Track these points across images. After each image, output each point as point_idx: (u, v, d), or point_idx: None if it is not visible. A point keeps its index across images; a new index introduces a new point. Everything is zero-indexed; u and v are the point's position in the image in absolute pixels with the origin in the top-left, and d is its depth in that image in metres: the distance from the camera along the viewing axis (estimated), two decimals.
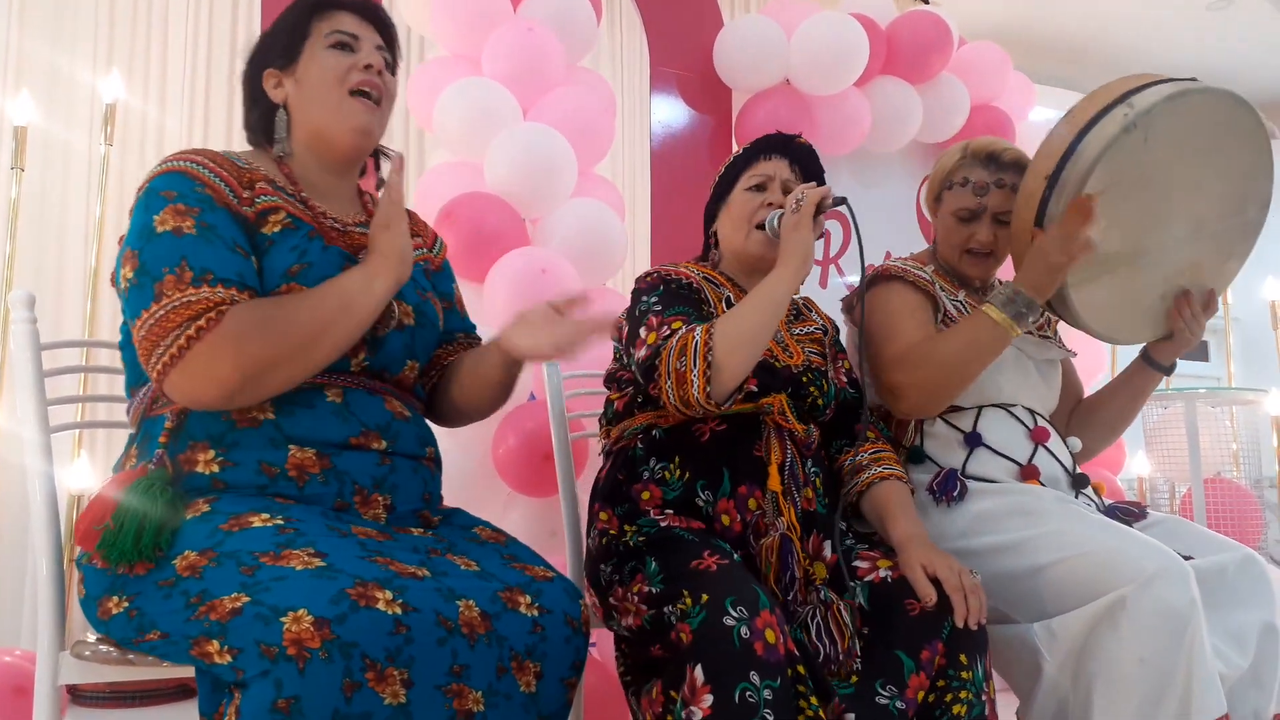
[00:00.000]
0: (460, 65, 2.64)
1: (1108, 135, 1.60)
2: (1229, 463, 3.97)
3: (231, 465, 1.27)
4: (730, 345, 1.49)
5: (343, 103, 1.42)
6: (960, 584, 1.44)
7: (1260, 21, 5.68)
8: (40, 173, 3.28)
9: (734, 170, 1.80)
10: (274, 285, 1.31)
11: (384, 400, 1.39)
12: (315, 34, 1.44)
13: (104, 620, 1.24)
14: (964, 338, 1.69)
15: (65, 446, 2.87)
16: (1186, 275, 1.82)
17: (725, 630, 1.28)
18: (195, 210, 1.27)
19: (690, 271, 1.72)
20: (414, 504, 1.39)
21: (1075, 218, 1.60)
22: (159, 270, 1.23)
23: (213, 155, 1.35)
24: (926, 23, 3.33)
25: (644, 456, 1.62)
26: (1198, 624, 1.44)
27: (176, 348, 1.20)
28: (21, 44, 3.39)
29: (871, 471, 1.68)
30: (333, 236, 1.40)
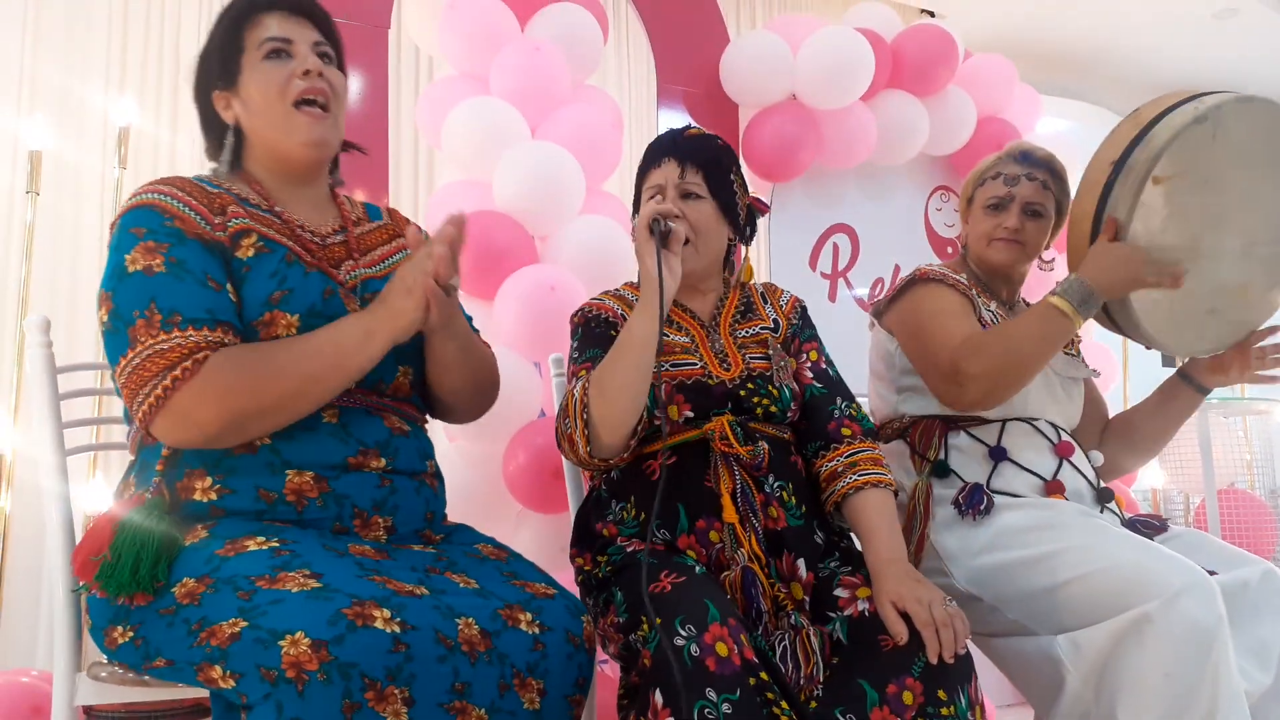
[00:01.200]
0: (468, 84, 2.65)
1: (1179, 124, 1.61)
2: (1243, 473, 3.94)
3: (230, 492, 1.26)
4: (604, 399, 1.46)
5: (289, 117, 1.37)
6: (930, 618, 1.36)
7: (1266, 30, 5.67)
8: (54, 196, 3.30)
9: (637, 186, 1.75)
10: (256, 315, 1.28)
11: (383, 418, 1.36)
12: (249, 46, 1.38)
13: (111, 649, 1.24)
14: (1032, 326, 1.68)
15: (80, 468, 2.89)
16: (1235, 295, 1.80)
17: (676, 651, 1.26)
18: (164, 246, 1.26)
19: (610, 303, 1.68)
20: (416, 524, 1.37)
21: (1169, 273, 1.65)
22: (130, 314, 1.22)
23: (182, 183, 1.33)
24: (932, 36, 3.34)
25: (607, 498, 1.62)
26: (1224, 640, 1.43)
27: (155, 397, 1.20)
28: (35, 68, 3.42)
29: (847, 480, 1.58)
30: (312, 256, 1.37)
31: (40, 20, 3.46)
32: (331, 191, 1.51)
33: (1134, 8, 5.43)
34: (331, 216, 1.46)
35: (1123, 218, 1.66)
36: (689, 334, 1.66)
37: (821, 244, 3.44)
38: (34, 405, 1.48)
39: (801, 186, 3.35)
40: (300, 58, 1.38)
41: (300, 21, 1.41)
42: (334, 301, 1.34)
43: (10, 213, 3.30)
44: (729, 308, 1.73)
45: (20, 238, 3.05)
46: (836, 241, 3.46)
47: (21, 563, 3.08)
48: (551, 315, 2.35)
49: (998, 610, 1.66)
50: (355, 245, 1.44)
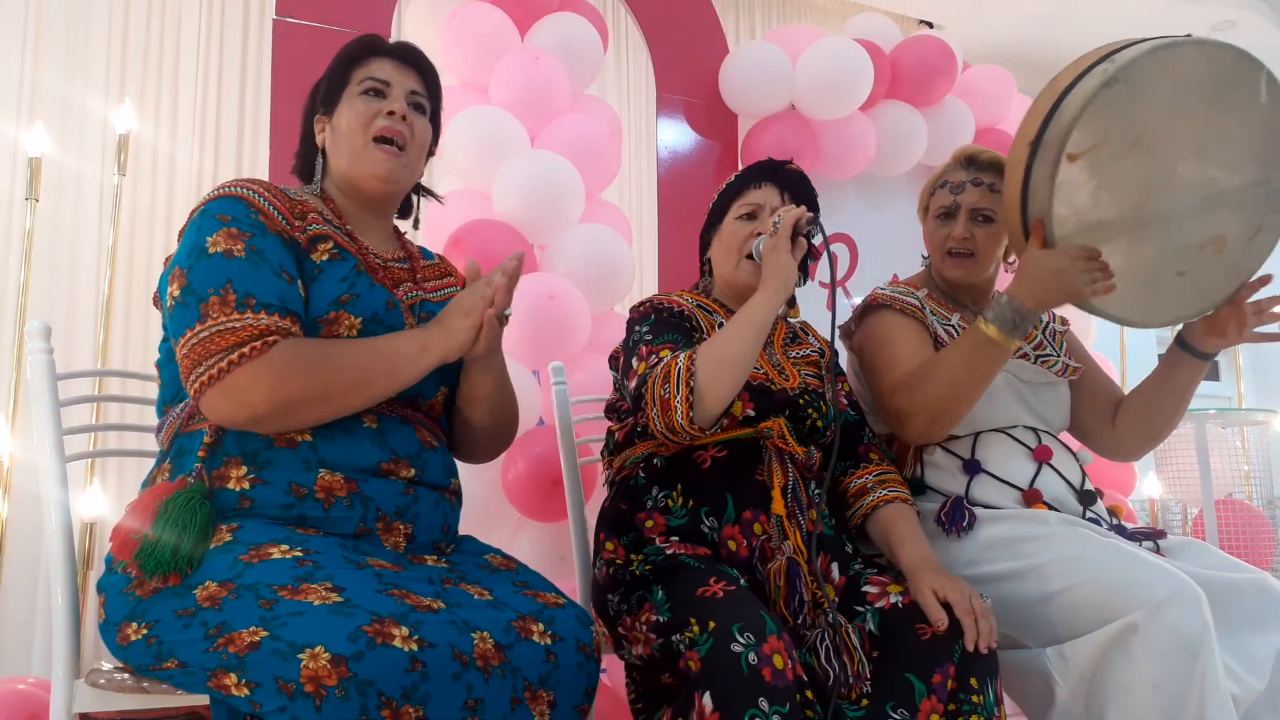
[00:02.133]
0: (468, 94, 2.66)
1: (1088, 91, 1.53)
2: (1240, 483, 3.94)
3: (262, 484, 1.28)
4: (712, 370, 1.49)
5: (365, 149, 1.46)
6: (971, 608, 1.43)
7: (1264, 43, 5.70)
8: (54, 203, 3.31)
9: (725, 199, 1.80)
10: (322, 311, 1.34)
11: (415, 429, 1.41)
12: (353, 81, 1.49)
13: (122, 646, 1.24)
14: (959, 355, 1.66)
15: (78, 474, 2.89)
16: (1208, 251, 1.68)
17: (733, 657, 1.28)
18: (247, 235, 1.31)
19: (683, 299, 1.72)
20: (433, 535, 1.40)
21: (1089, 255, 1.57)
22: (204, 291, 1.26)
23: (268, 185, 1.40)
24: (930, 47, 3.35)
25: (646, 485, 1.63)
26: (1210, 648, 1.43)
27: (218, 369, 1.24)
28: (35, 76, 3.43)
29: (876, 494, 1.67)
30: (377, 272, 1.44)
31: (41, 28, 3.47)
32: (396, 229, 1.60)
33: (1133, 19, 5.45)
34: (395, 247, 1.55)
35: (1045, 204, 1.58)
36: None
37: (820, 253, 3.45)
38: (34, 412, 1.47)
39: None
40: (392, 99, 1.48)
41: (405, 70, 1.52)
42: (395, 313, 1.41)
43: (10, 219, 3.30)
44: (779, 332, 1.80)
45: (20, 244, 3.05)
46: (835, 251, 3.46)
47: (19, 569, 3.08)
48: (551, 324, 2.36)
49: None
50: (420, 274, 1.54)
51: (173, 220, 3.48)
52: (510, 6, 2.68)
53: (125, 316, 3.35)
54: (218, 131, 3.70)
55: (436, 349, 1.36)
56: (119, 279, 3.23)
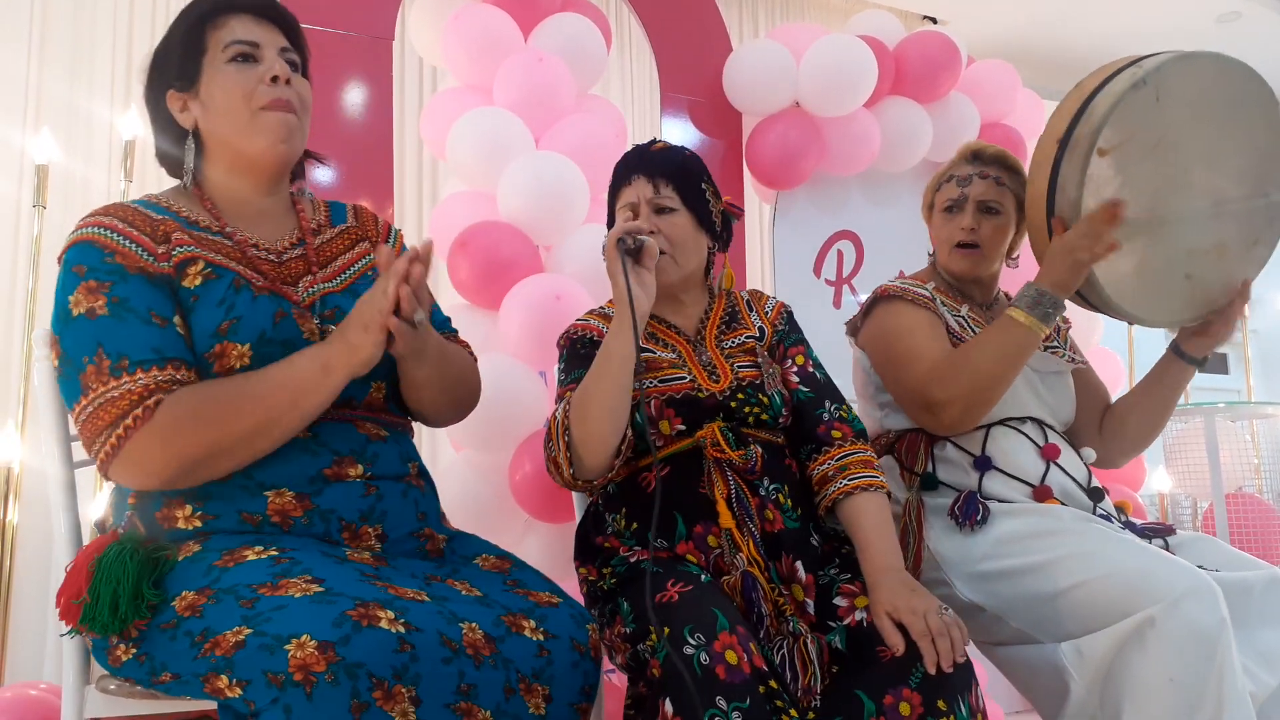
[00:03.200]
0: (472, 95, 2.66)
1: (1117, 91, 1.59)
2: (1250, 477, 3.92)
3: (213, 517, 1.25)
4: (583, 420, 1.46)
5: (254, 119, 1.33)
6: (926, 628, 1.35)
7: (1269, 34, 5.68)
8: (61, 210, 3.32)
9: (610, 204, 1.75)
10: (206, 347, 1.26)
11: (354, 425, 1.34)
12: (212, 46, 1.34)
13: (116, 667, 1.25)
14: (994, 344, 1.68)
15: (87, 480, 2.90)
16: (1212, 256, 1.75)
17: (686, 660, 1.27)
18: (106, 285, 1.24)
19: (596, 322, 1.69)
20: (409, 526, 1.35)
21: (1102, 215, 1.59)
22: (79, 360, 1.22)
23: (123, 213, 1.29)
24: (934, 43, 3.34)
25: (603, 511, 1.62)
26: (1227, 643, 1.43)
27: (110, 446, 1.20)
28: (42, 83, 3.44)
29: (838, 484, 1.58)
30: (264, 278, 1.33)
31: (46, 35, 3.48)
32: (291, 201, 1.47)
33: (1136, 12, 5.44)
34: (290, 228, 1.42)
35: (1074, 196, 1.62)
36: (674, 349, 1.66)
37: (826, 251, 3.44)
38: (42, 419, 1.48)
39: (805, 194, 3.35)
40: (267, 63, 1.34)
41: (267, 26, 1.37)
42: (286, 324, 1.30)
43: (18, 226, 3.32)
44: (714, 319, 1.73)
45: (28, 251, 3.06)
46: (841, 248, 3.46)
47: (30, 576, 3.09)
48: (557, 325, 2.34)
49: (1001, 619, 1.66)
50: (315, 258, 1.40)
51: None
52: (513, 8, 2.68)
53: None
54: None
55: (339, 368, 1.25)
56: None
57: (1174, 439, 3.83)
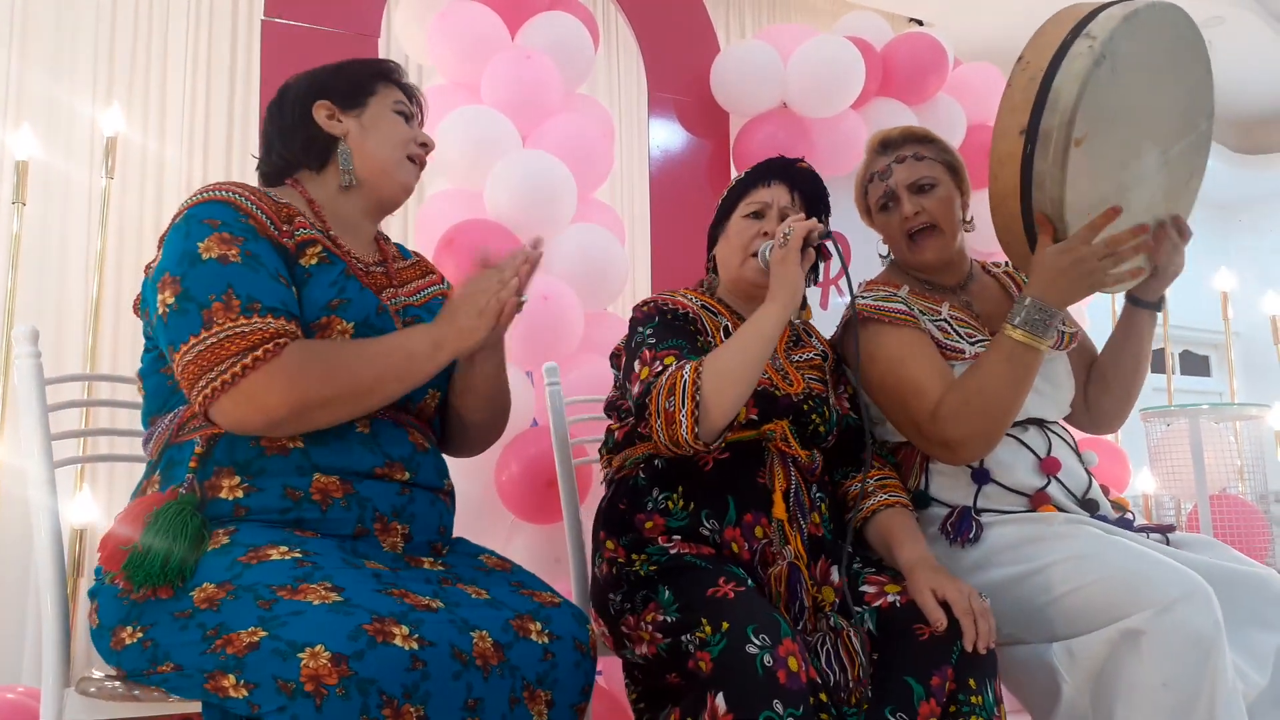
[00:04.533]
0: (459, 93, 2.65)
1: (1081, 72, 1.50)
2: (1234, 479, 3.94)
3: (256, 490, 1.27)
4: (718, 384, 1.47)
5: (402, 163, 1.51)
6: (969, 607, 1.42)
7: (1253, 39, 5.72)
8: (41, 206, 3.28)
9: (734, 196, 1.78)
10: (314, 317, 1.33)
11: (408, 433, 1.41)
12: (381, 95, 1.52)
13: (116, 650, 1.23)
14: (997, 372, 1.62)
15: (67, 480, 2.87)
16: (1161, 205, 1.70)
17: (748, 659, 1.27)
18: (240, 239, 1.29)
19: (688, 300, 1.70)
20: (429, 535, 1.40)
21: (1125, 235, 1.57)
22: (205, 297, 1.24)
23: (251, 189, 1.37)
24: (921, 44, 3.35)
25: (647, 486, 1.61)
26: (1221, 647, 1.42)
27: (230, 374, 1.21)
28: (22, 78, 3.40)
29: (877, 498, 1.67)
30: (363, 277, 1.43)
31: (27, 30, 3.44)
32: (377, 232, 1.60)
33: None
34: (373, 250, 1.54)
35: (1056, 195, 1.55)
36: None
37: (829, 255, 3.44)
38: (23, 417, 1.46)
39: None
40: (418, 129, 1.57)
41: (417, 107, 1.59)
42: (385, 317, 1.40)
43: None
44: (784, 335, 1.76)
45: (7, 248, 3.03)
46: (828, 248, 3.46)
47: (7, 576, 3.06)
48: (544, 325, 2.35)
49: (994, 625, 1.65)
50: (395, 276, 1.52)
51: (162, 223, 3.45)
52: (501, 6, 2.67)
53: (114, 320, 3.32)
54: (206, 133, 3.68)
55: (449, 347, 1.35)
56: (108, 282, 3.21)
57: (1158, 441, 3.85)
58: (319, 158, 1.49)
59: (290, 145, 1.50)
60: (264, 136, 1.54)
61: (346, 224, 1.49)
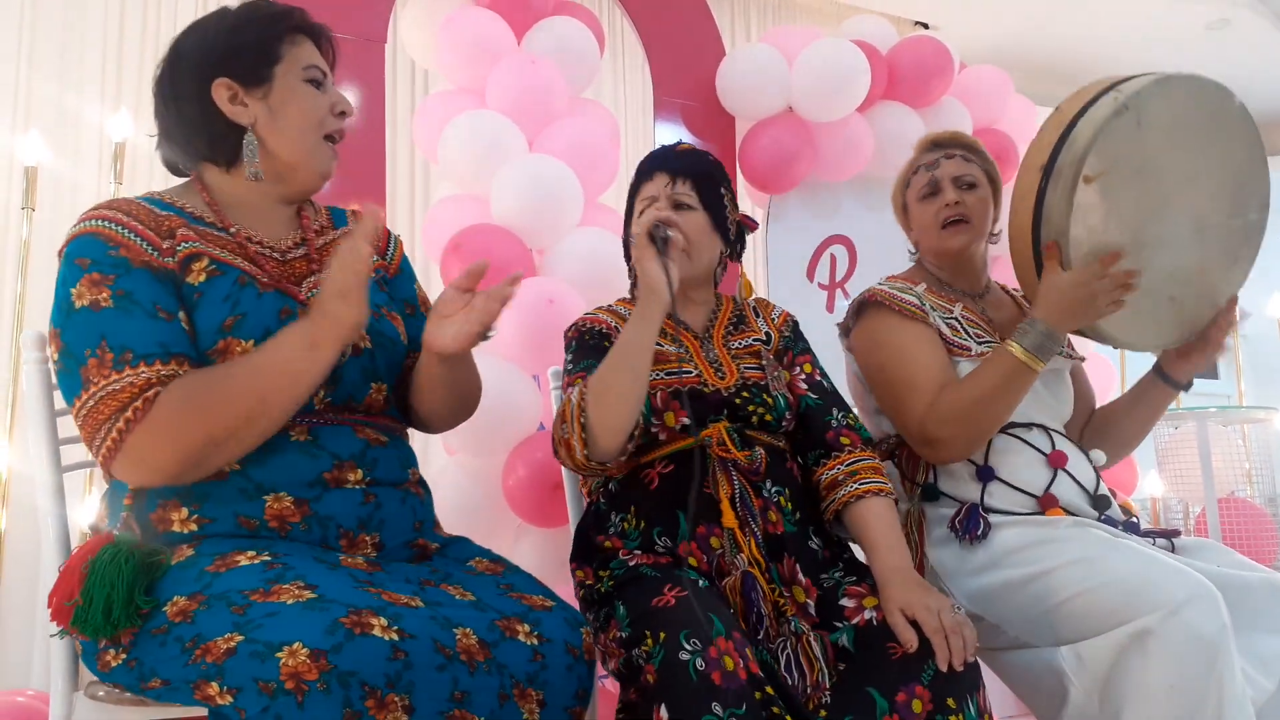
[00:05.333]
0: (465, 98, 2.65)
1: (1100, 118, 1.59)
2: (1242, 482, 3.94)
3: (209, 521, 1.24)
4: (600, 402, 1.46)
5: (318, 147, 1.39)
6: (940, 625, 1.37)
7: (1258, 41, 5.70)
8: (50, 212, 3.30)
9: (629, 200, 1.78)
10: (210, 343, 1.25)
11: (354, 429, 1.34)
12: (288, 60, 1.37)
13: (105, 672, 1.23)
14: (991, 382, 1.66)
15: (76, 485, 2.87)
16: (1194, 279, 1.76)
17: (681, 665, 1.26)
18: (110, 278, 1.22)
19: (605, 317, 1.69)
20: (405, 536, 1.35)
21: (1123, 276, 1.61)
22: (81, 353, 1.20)
23: (128, 207, 1.29)
24: (927, 48, 3.35)
25: (606, 510, 1.61)
26: (1228, 650, 1.42)
27: (111, 441, 1.18)
28: (31, 84, 3.42)
29: (848, 488, 1.60)
30: (268, 276, 1.33)
31: (36, 36, 3.46)
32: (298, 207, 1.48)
33: (1127, 19, 5.46)
34: (293, 229, 1.43)
35: (1061, 225, 1.62)
36: (682, 344, 1.67)
37: (819, 255, 3.44)
38: (30, 422, 1.46)
39: (798, 198, 3.35)
40: (332, 94, 1.40)
41: (327, 57, 1.43)
42: (291, 322, 1.29)
43: (6, 228, 3.30)
44: (721, 319, 1.75)
45: (16, 253, 3.04)
46: (834, 252, 3.46)
47: (17, 581, 3.06)
48: (550, 328, 2.35)
49: (999, 628, 1.65)
50: (317, 258, 1.41)
51: None
52: (506, 11, 2.67)
53: None
54: None
55: (326, 342, 1.22)
56: None
57: (1166, 444, 3.84)
58: (226, 155, 1.36)
59: (193, 138, 1.37)
60: (159, 119, 1.40)
61: (256, 212, 1.38)
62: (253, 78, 1.35)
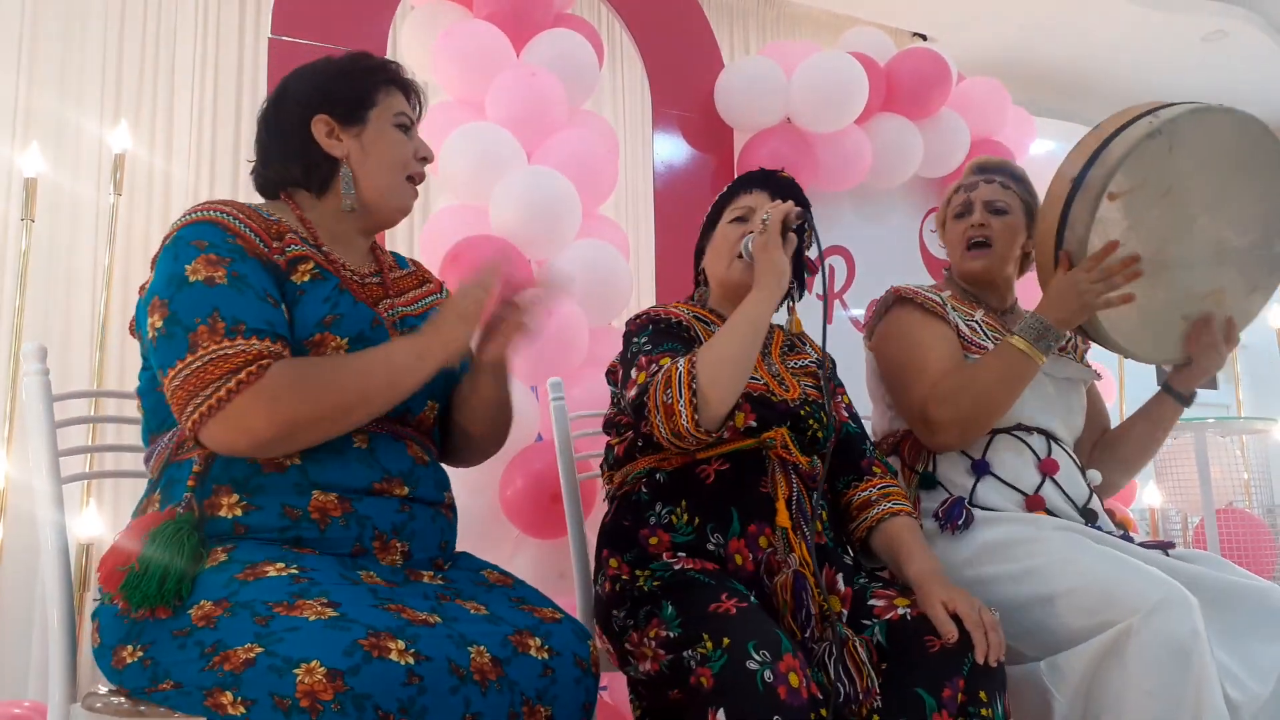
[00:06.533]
0: (464, 110, 2.66)
1: (1133, 138, 1.65)
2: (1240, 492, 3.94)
3: (255, 509, 1.27)
4: (713, 371, 1.49)
5: (401, 186, 1.50)
6: (980, 620, 1.42)
7: (1255, 52, 5.73)
8: (49, 224, 3.30)
9: (718, 207, 1.82)
10: (307, 334, 1.32)
11: (407, 446, 1.40)
12: (382, 106, 1.48)
13: (118, 669, 1.23)
14: (994, 370, 1.72)
15: (74, 496, 2.87)
16: (1210, 301, 1.82)
17: (749, 674, 1.27)
18: (227, 260, 1.28)
19: (679, 310, 1.72)
20: (430, 552, 1.39)
21: (1120, 265, 1.66)
22: (191, 320, 1.23)
23: (240, 206, 1.36)
24: (925, 59, 3.36)
25: (649, 501, 1.61)
26: (1203, 653, 1.43)
27: (216, 399, 1.21)
28: (30, 96, 3.43)
29: (881, 507, 1.67)
30: (357, 291, 1.42)
31: (35, 48, 3.47)
32: (374, 243, 1.60)
33: (1125, 30, 5.48)
34: (369, 262, 1.53)
35: (1082, 235, 1.69)
36: None
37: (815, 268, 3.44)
38: (30, 433, 1.46)
39: None
40: (417, 141, 1.52)
41: (414, 109, 1.54)
42: (380, 330, 1.39)
43: (5, 240, 3.30)
44: (777, 339, 1.81)
45: (15, 265, 3.05)
46: (832, 264, 3.47)
47: (15, 591, 3.07)
48: (549, 340, 2.35)
49: None
50: (391, 287, 1.51)
51: None
52: (505, 23, 2.68)
53: (121, 337, 3.34)
54: (213, 151, 3.70)
55: (433, 356, 1.34)
56: (115, 299, 3.22)
57: (1165, 454, 3.85)
58: (320, 184, 1.47)
59: (290, 165, 1.47)
60: (260, 146, 1.51)
61: (340, 239, 1.48)
62: (350, 118, 1.46)
